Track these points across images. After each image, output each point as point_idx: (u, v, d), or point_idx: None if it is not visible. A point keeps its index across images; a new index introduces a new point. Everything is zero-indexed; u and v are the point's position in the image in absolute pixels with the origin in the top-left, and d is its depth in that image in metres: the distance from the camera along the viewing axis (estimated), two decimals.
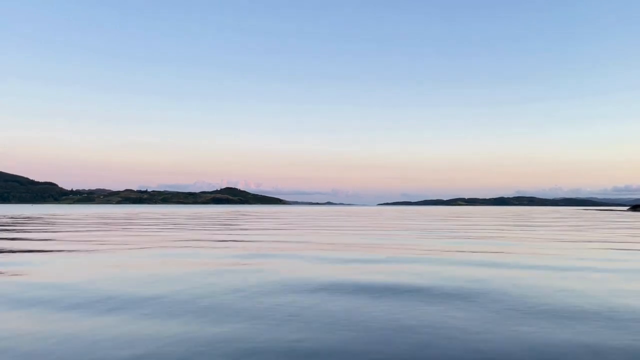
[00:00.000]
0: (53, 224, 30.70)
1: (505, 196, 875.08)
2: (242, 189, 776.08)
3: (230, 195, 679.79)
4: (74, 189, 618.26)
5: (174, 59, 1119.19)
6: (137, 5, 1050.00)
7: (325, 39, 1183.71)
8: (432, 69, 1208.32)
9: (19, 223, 31.60)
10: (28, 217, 43.38)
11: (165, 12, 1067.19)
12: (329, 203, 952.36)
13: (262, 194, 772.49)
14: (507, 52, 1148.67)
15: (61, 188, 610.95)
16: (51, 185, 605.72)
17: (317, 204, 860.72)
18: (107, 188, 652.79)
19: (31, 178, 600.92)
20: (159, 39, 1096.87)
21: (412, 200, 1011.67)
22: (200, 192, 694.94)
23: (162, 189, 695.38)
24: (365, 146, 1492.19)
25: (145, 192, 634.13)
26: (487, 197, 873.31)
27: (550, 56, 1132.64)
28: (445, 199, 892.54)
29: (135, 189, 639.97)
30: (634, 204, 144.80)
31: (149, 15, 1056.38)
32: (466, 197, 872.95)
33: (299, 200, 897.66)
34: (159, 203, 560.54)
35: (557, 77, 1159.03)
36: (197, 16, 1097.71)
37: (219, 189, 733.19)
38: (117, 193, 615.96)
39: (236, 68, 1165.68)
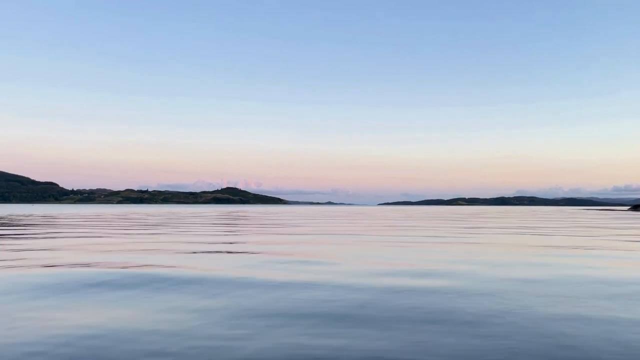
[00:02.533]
0: None
1: (506, 196, 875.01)
2: (242, 188, 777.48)
3: (231, 195, 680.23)
4: (75, 189, 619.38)
5: (174, 59, 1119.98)
6: (137, 6, 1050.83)
7: (325, 39, 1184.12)
8: (432, 69, 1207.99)
9: None
10: None
11: (165, 12, 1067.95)
12: (329, 203, 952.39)
13: (263, 194, 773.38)
14: (507, 53, 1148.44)
15: (62, 188, 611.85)
16: (52, 185, 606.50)
17: (318, 203, 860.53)
18: (107, 188, 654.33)
19: (32, 178, 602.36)
20: (159, 39, 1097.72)
21: (413, 200, 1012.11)
22: (201, 192, 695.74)
23: (162, 189, 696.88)
24: (366, 146, 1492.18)
25: (146, 191, 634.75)
26: (488, 197, 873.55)
27: (551, 56, 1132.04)
28: (445, 199, 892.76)
29: (136, 189, 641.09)
30: (635, 203, 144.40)
31: (150, 15, 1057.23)
32: (467, 196, 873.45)
33: (299, 200, 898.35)
34: (160, 203, 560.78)
35: (557, 77, 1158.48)
36: (197, 16, 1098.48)
37: (219, 188, 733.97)
38: (118, 193, 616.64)
39: (236, 68, 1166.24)
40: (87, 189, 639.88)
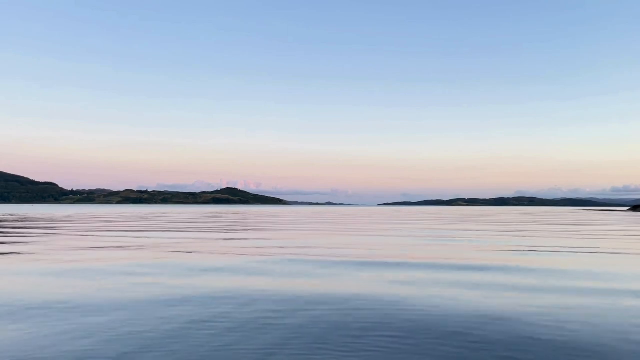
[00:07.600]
0: None
1: (505, 196, 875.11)
2: (241, 189, 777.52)
3: (230, 195, 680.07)
4: (74, 189, 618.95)
5: (174, 59, 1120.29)
6: (137, 6, 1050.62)
7: (325, 39, 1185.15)
8: (432, 70, 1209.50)
9: None
10: None
11: (165, 12, 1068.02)
12: (328, 203, 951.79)
13: (262, 194, 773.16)
14: (507, 53, 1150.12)
15: (61, 188, 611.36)
16: (51, 185, 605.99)
17: (317, 204, 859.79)
18: (107, 188, 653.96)
19: (31, 178, 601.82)
20: (159, 39, 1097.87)
21: (412, 201, 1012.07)
22: (200, 192, 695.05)
23: (162, 189, 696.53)
24: (365, 146, 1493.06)
25: (145, 192, 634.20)
26: (487, 198, 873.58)
27: (550, 57, 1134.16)
28: (445, 199, 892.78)
29: (135, 189, 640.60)
30: (634, 204, 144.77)
31: (150, 16, 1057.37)
32: (466, 197, 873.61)
33: (298, 201, 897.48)
34: (159, 203, 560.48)
35: (557, 77, 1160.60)
36: (197, 16, 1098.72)
37: (218, 189, 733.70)
38: (117, 193, 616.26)
39: (236, 68, 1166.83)
40: (87, 189, 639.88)
